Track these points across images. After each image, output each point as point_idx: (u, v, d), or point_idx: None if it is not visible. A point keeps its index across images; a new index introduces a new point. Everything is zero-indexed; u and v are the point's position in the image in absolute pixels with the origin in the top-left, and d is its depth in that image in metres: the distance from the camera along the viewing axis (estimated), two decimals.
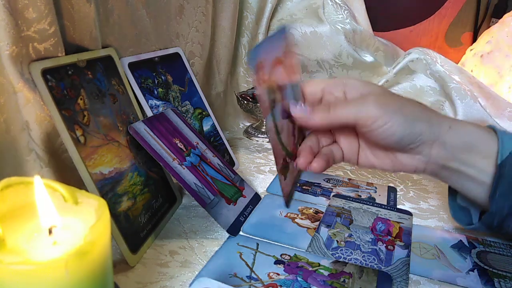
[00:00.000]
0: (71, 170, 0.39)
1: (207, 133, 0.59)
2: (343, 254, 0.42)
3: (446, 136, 0.38)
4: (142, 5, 0.51)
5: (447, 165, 0.39)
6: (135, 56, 0.50)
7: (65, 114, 0.37)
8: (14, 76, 0.35)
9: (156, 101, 0.52)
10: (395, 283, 0.38)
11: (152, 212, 0.44)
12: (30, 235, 0.24)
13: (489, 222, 0.39)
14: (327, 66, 0.82)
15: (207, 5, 0.63)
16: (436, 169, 0.40)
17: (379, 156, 0.41)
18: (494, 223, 0.39)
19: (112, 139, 0.41)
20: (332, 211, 0.49)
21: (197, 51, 0.63)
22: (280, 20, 0.80)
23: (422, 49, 0.80)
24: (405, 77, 0.81)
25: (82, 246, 0.22)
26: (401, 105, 0.38)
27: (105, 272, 0.24)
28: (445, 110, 0.76)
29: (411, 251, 0.43)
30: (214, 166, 0.49)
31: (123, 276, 0.37)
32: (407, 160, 0.40)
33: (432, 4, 0.96)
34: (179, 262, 0.40)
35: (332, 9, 0.79)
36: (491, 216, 0.39)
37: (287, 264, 0.40)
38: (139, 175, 0.43)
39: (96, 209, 0.25)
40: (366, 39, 0.82)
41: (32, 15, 0.34)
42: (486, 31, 0.90)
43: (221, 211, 0.45)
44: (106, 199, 0.38)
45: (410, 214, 0.50)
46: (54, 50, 0.37)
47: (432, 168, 0.40)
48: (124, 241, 0.38)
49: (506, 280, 0.40)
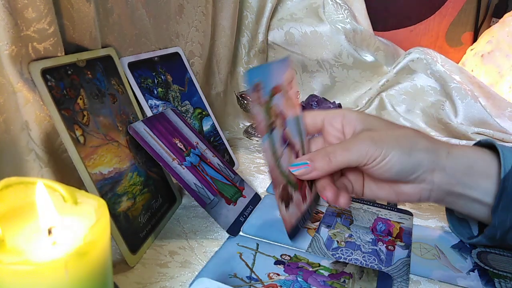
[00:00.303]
0: (71, 170, 0.39)
1: (207, 133, 0.59)
2: (343, 255, 0.42)
3: (446, 162, 0.39)
4: (142, 5, 0.51)
5: (451, 190, 0.39)
6: (135, 56, 0.50)
7: (64, 114, 0.37)
8: (14, 76, 0.34)
9: (156, 101, 0.52)
10: (395, 283, 0.38)
11: (152, 212, 0.44)
12: (29, 235, 0.24)
13: (491, 235, 0.39)
14: (328, 66, 0.82)
15: (207, 5, 0.62)
16: (441, 196, 0.40)
17: (384, 188, 0.42)
18: (496, 236, 0.39)
19: (112, 139, 0.41)
20: (332, 211, 0.49)
21: (197, 50, 0.63)
22: (280, 20, 0.80)
23: (423, 48, 0.80)
24: (406, 77, 0.81)
25: (82, 247, 0.22)
26: (396, 138, 0.39)
27: (105, 273, 0.24)
28: (446, 110, 0.76)
29: (411, 252, 0.43)
30: (214, 166, 0.49)
31: (123, 276, 0.37)
32: (411, 190, 0.40)
33: (432, 3, 0.96)
34: (179, 262, 0.40)
35: (333, 8, 0.79)
36: (494, 230, 0.39)
37: (287, 265, 0.39)
38: (139, 175, 0.43)
39: (95, 209, 0.25)
40: (366, 38, 0.82)
41: (32, 15, 0.34)
42: (487, 30, 0.90)
43: (221, 211, 0.44)
44: (105, 199, 0.38)
45: (411, 214, 0.50)
46: (54, 50, 0.37)
47: (436, 195, 0.40)
48: (123, 241, 0.38)
49: (506, 281, 0.40)
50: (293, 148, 0.40)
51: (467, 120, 0.74)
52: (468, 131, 0.72)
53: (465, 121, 0.74)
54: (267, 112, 0.36)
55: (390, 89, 0.83)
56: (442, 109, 0.76)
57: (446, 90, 0.77)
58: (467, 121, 0.74)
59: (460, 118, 0.75)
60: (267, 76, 0.36)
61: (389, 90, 0.83)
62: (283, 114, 0.38)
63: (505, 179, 0.37)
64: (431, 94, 0.79)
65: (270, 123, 0.36)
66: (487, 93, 0.78)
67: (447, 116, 0.75)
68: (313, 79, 0.84)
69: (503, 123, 0.73)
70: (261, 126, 0.35)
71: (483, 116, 0.73)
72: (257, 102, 0.35)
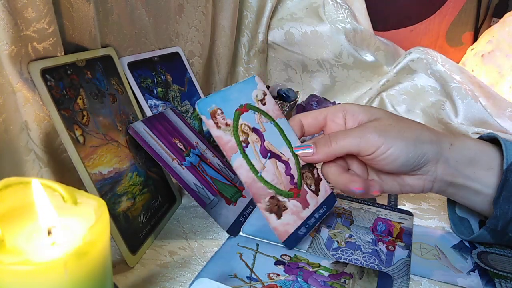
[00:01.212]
0: (70, 170, 0.39)
1: (207, 133, 0.59)
2: (344, 255, 0.42)
3: (449, 154, 0.39)
4: (142, 4, 0.50)
5: (453, 182, 0.40)
6: (135, 56, 0.50)
7: (64, 114, 0.36)
8: (13, 75, 0.34)
9: (156, 101, 0.52)
10: (395, 283, 0.38)
11: (152, 212, 0.44)
12: (29, 236, 0.24)
13: (493, 226, 0.40)
14: (328, 66, 0.82)
15: (207, 4, 0.62)
16: (443, 187, 0.40)
17: (387, 181, 0.42)
18: (498, 227, 0.39)
19: (112, 139, 0.41)
20: (333, 212, 0.49)
21: (196, 50, 0.63)
22: (280, 19, 0.80)
23: (423, 48, 0.80)
24: (406, 77, 0.81)
25: (81, 247, 0.22)
26: (400, 129, 0.38)
27: (104, 273, 0.24)
28: (446, 110, 0.76)
29: (411, 252, 0.43)
30: (214, 166, 0.49)
31: (123, 276, 0.37)
32: (414, 181, 0.40)
33: (433, 3, 0.96)
34: (179, 262, 0.40)
35: (333, 8, 0.79)
36: (495, 221, 0.39)
37: (287, 265, 0.39)
38: (139, 175, 0.43)
39: (95, 209, 0.25)
40: (366, 38, 0.82)
41: (31, 15, 0.34)
42: (487, 30, 0.90)
43: (221, 212, 0.44)
44: (105, 199, 0.38)
45: (411, 214, 0.50)
46: (53, 49, 0.37)
47: (439, 186, 0.40)
48: (123, 241, 0.38)
49: (507, 281, 0.40)
50: (278, 158, 0.41)
51: (467, 120, 0.74)
52: (469, 131, 0.72)
53: (466, 121, 0.74)
54: (235, 132, 0.38)
55: (391, 89, 0.83)
56: (443, 109, 0.76)
57: (446, 90, 0.77)
58: (468, 121, 0.74)
59: (461, 118, 0.75)
60: (226, 100, 0.38)
61: (389, 90, 0.83)
62: (258, 129, 0.40)
63: (507, 170, 0.37)
64: (432, 94, 0.79)
65: (240, 141, 0.38)
66: (488, 93, 0.78)
67: (448, 116, 0.75)
68: (313, 79, 0.84)
69: (504, 123, 0.73)
70: (227, 147, 0.37)
71: (483, 116, 0.73)
72: (217, 127, 0.37)
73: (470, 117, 0.74)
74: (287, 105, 0.71)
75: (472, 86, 0.77)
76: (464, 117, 0.75)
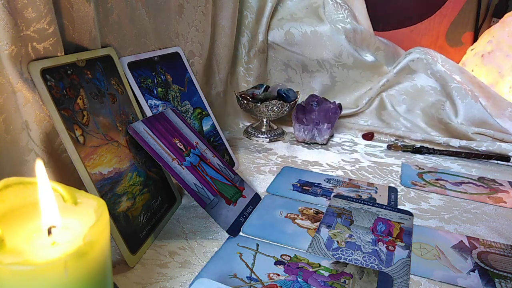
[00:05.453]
0: (71, 170, 0.39)
1: (207, 133, 0.59)
2: (344, 255, 0.42)
3: None
4: (142, 5, 0.50)
5: None
6: (135, 56, 0.50)
7: (64, 114, 0.36)
8: (13, 75, 0.34)
9: (156, 101, 0.52)
10: (395, 283, 0.38)
11: (152, 212, 0.44)
12: (29, 236, 0.24)
13: None
14: (328, 66, 0.82)
15: (207, 4, 0.62)
16: None
17: None
18: None
19: (112, 139, 0.41)
20: (333, 212, 0.49)
21: (196, 50, 0.63)
22: (280, 20, 0.80)
23: (423, 48, 0.80)
24: (406, 77, 0.81)
25: (82, 247, 0.22)
26: None
27: (105, 273, 0.24)
28: (446, 110, 0.76)
29: (411, 252, 0.43)
30: (214, 166, 0.49)
31: (123, 276, 0.37)
32: None
33: (433, 3, 0.96)
34: (179, 262, 0.40)
35: (333, 8, 0.79)
36: None
37: (287, 265, 0.39)
38: (139, 175, 0.43)
39: (95, 209, 0.25)
40: (366, 38, 0.82)
41: (32, 15, 0.34)
42: (487, 30, 0.90)
43: (221, 212, 0.44)
44: (105, 199, 0.38)
45: (411, 214, 0.50)
46: (53, 49, 0.37)
47: None
48: (123, 241, 0.38)
49: (507, 281, 0.40)
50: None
51: (467, 120, 0.75)
52: (469, 131, 0.72)
53: (466, 121, 0.75)
54: None
55: (391, 89, 0.83)
56: (443, 109, 0.76)
57: (446, 90, 0.77)
58: (468, 121, 0.74)
59: (461, 118, 0.75)
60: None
61: (389, 90, 0.83)
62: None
63: None
64: (432, 94, 0.79)
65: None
66: (488, 93, 0.78)
67: (448, 116, 0.75)
68: (313, 79, 0.84)
69: (504, 123, 0.73)
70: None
71: (483, 116, 0.73)
72: None
73: (470, 117, 0.74)
74: (287, 105, 0.71)
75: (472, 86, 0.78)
76: (464, 117, 0.75)
